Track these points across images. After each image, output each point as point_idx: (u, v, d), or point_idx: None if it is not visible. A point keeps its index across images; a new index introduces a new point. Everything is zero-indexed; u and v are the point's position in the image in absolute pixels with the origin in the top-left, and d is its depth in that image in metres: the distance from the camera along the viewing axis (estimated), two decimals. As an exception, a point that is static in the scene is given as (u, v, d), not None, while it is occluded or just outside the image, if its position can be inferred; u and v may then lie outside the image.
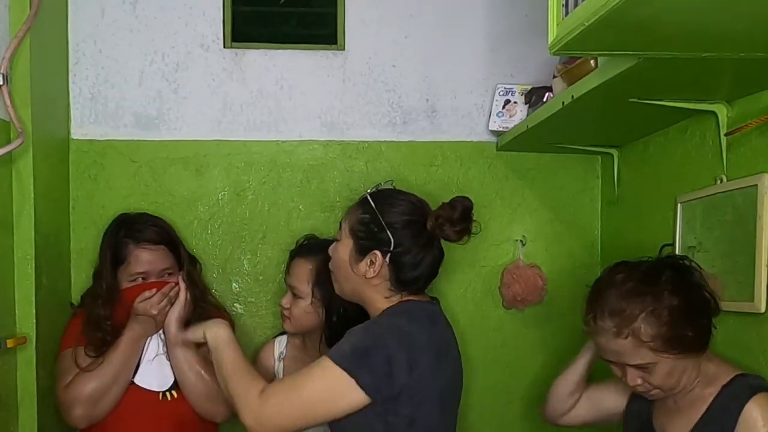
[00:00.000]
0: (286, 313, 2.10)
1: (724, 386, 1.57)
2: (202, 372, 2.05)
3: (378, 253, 1.67)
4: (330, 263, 1.79)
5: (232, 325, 2.18)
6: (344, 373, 1.54)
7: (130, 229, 2.11)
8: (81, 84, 2.45)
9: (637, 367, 1.56)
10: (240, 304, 2.53)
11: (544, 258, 2.58)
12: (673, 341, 1.52)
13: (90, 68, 2.45)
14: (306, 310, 2.05)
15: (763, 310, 1.60)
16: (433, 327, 1.69)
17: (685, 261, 1.63)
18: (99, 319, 2.06)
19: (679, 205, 1.96)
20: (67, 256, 2.39)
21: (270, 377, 2.17)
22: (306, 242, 2.18)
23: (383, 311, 1.69)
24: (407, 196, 1.75)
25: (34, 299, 2.07)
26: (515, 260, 2.57)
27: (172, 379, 2.08)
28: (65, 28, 2.41)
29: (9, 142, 1.92)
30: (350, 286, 1.74)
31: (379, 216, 1.68)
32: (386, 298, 1.70)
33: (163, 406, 2.07)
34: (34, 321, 2.07)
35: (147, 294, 2.03)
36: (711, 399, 1.57)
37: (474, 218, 1.72)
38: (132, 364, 2.06)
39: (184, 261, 2.16)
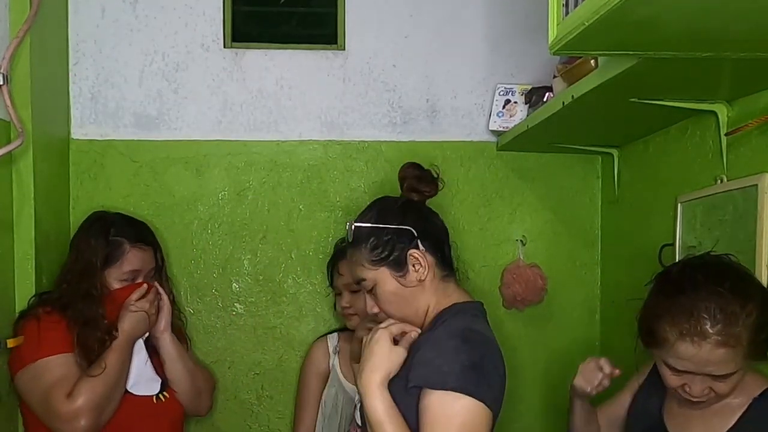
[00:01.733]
0: (350, 311, 2.19)
1: (755, 399, 1.47)
2: (192, 368, 2.14)
3: (413, 250, 1.59)
4: (381, 315, 1.63)
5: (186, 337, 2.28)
6: (473, 400, 1.42)
7: (119, 228, 2.05)
8: (81, 84, 2.45)
9: (718, 377, 1.40)
10: (240, 304, 2.53)
11: (544, 258, 2.58)
12: (759, 346, 1.38)
13: (90, 68, 2.45)
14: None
15: (763, 310, 1.59)
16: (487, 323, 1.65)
17: (733, 257, 1.49)
18: (96, 320, 1.96)
19: (679, 205, 1.95)
20: (66, 256, 2.38)
21: (324, 372, 2.28)
22: (344, 244, 2.20)
23: (443, 311, 1.59)
24: (372, 204, 1.70)
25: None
26: (515, 260, 2.57)
27: (160, 381, 2.07)
28: (65, 28, 2.41)
29: (9, 142, 1.92)
30: (412, 309, 1.61)
31: (382, 225, 1.61)
32: (444, 294, 1.62)
33: (158, 407, 2.04)
34: (34, 321, 2.06)
35: (141, 291, 2.01)
36: (741, 410, 1.47)
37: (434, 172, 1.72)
38: (128, 366, 1.99)
39: (163, 263, 2.17)
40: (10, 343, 1.95)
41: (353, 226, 1.62)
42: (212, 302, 2.52)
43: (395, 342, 1.55)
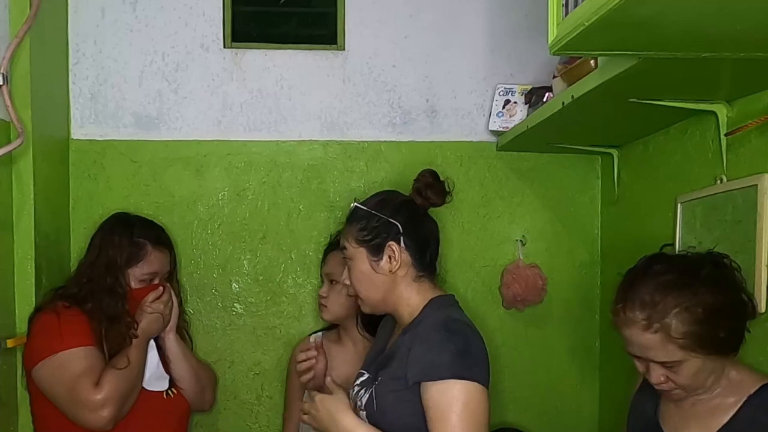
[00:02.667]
0: (323, 302, 2.21)
1: (750, 396, 1.48)
2: (196, 366, 2.23)
3: (393, 243, 1.73)
4: (348, 290, 1.84)
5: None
6: (467, 382, 1.59)
7: (144, 230, 2.12)
8: (81, 84, 2.45)
9: (663, 364, 1.48)
10: (240, 304, 2.53)
11: (544, 258, 2.58)
12: (704, 340, 1.43)
13: (90, 68, 2.45)
14: (342, 295, 2.13)
15: (763, 310, 1.59)
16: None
17: (726, 260, 1.53)
18: (121, 316, 2.02)
19: (679, 205, 1.95)
20: (67, 256, 2.39)
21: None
22: (338, 237, 2.24)
23: (423, 308, 1.74)
24: (379, 192, 1.85)
25: (34, 299, 2.08)
26: (515, 260, 2.57)
27: (168, 378, 2.13)
28: (65, 28, 2.41)
29: (9, 142, 1.92)
30: (379, 293, 1.76)
31: (376, 213, 1.76)
32: (418, 292, 1.76)
33: (169, 403, 2.11)
34: (34, 321, 2.07)
35: (158, 293, 2.10)
36: (735, 409, 1.48)
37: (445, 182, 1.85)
38: (145, 363, 2.06)
39: (175, 265, 2.25)
40: (10, 343, 1.96)
41: (354, 205, 1.81)
42: (212, 302, 2.52)
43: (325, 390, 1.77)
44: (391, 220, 1.75)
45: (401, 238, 1.74)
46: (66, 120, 2.43)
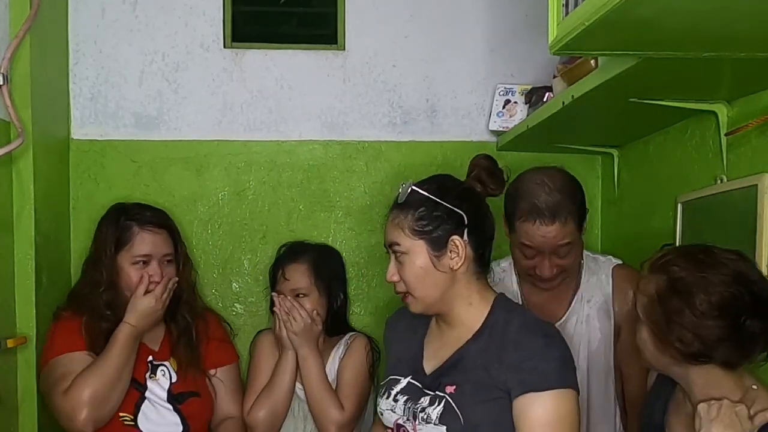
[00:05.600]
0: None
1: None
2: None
3: (456, 237, 1.54)
4: (398, 286, 1.59)
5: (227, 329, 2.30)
6: (572, 391, 1.49)
7: (131, 213, 2.08)
8: (81, 84, 2.45)
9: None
10: (240, 304, 2.53)
11: (544, 258, 2.58)
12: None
13: (90, 68, 2.45)
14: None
15: (763, 310, 1.59)
16: None
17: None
18: (101, 308, 1.98)
19: (679, 205, 1.95)
20: (67, 256, 2.39)
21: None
22: (284, 251, 2.24)
23: (492, 308, 1.58)
24: (435, 176, 1.63)
25: (34, 299, 2.08)
26: (515, 260, 2.56)
27: (181, 428, 2.03)
28: (65, 28, 2.41)
29: (9, 142, 1.92)
30: (437, 292, 1.56)
31: (439, 200, 1.54)
32: (478, 290, 1.59)
33: None
34: (34, 321, 2.07)
35: (145, 285, 1.99)
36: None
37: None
38: (132, 361, 1.97)
39: (182, 248, 2.15)
40: (10, 343, 1.96)
41: (410, 188, 1.56)
42: (212, 302, 2.51)
43: None
44: (455, 209, 1.54)
45: (465, 231, 1.55)
46: (66, 120, 2.43)
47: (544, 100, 2.20)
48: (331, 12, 2.52)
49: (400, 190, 1.58)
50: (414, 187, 1.55)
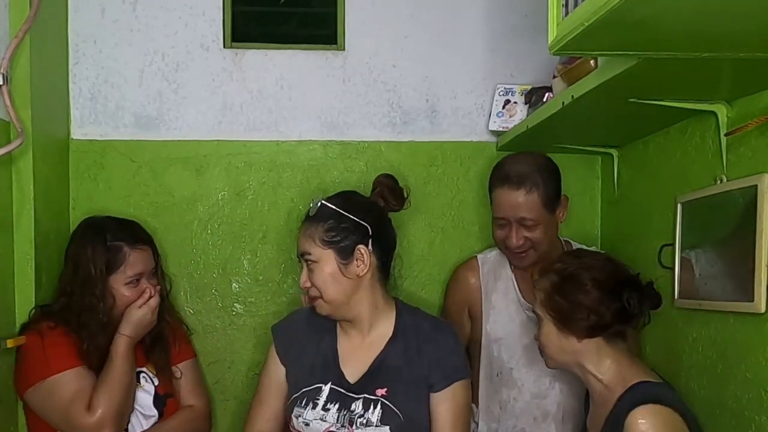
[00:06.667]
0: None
1: (625, 391, 1.63)
2: None
3: (362, 246, 1.72)
4: (311, 291, 1.75)
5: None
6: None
7: (115, 232, 2.04)
8: (81, 84, 2.45)
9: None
10: (240, 304, 2.53)
11: (544, 258, 2.58)
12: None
13: (90, 68, 2.45)
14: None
15: (763, 310, 1.59)
16: None
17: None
18: (98, 334, 1.97)
19: (679, 205, 1.95)
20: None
21: None
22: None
23: (398, 308, 1.81)
24: (342, 192, 1.84)
25: (34, 299, 2.08)
26: (515, 260, 2.56)
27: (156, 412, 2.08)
28: (65, 28, 2.41)
29: (9, 142, 1.92)
30: (345, 296, 1.74)
31: (347, 213, 1.73)
32: (383, 295, 1.80)
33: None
34: (34, 321, 2.06)
35: (145, 299, 2.02)
36: (614, 402, 1.64)
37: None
38: (135, 371, 2.01)
39: (159, 258, 2.16)
40: (10, 343, 1.96)
41: (320, 203, 1.76)
42: (212, 302, 2.51)
43: None
44: (361, 221, 1.73)
45: (370, 241, 1.73)
46: (66, 120, 2.43)
47: (544, 100, 2.20)
48: (331, 12, 2.52)
49: (311, 204, 1.78)
50: (323, 202, 1.75)
